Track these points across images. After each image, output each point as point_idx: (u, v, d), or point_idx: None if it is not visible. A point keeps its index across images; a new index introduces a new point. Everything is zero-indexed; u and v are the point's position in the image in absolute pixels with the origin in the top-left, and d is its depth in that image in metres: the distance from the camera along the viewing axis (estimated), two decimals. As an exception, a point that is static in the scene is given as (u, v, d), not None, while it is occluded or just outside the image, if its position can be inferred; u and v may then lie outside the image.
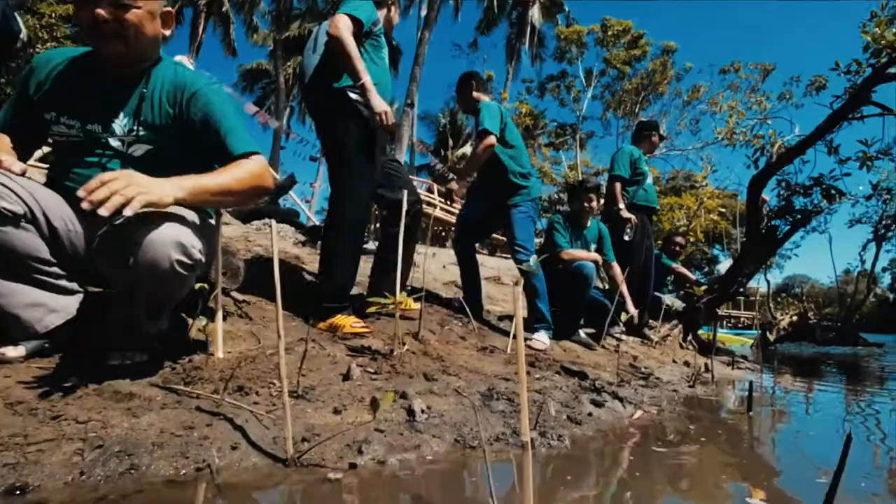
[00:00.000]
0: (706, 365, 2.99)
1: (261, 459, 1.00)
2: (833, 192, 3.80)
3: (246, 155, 1.33)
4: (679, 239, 5.27)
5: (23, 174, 1.21)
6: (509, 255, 3.37)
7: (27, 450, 0.87)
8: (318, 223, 8.16)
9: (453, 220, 11.36)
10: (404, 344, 2.00)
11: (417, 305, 2.16)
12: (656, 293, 4.37)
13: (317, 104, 2.19)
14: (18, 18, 1.48)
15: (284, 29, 16.60)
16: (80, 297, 1.34)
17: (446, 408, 1.44)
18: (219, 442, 1.01)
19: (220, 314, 1.51)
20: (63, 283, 1.29)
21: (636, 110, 17.74)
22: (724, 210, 11.19)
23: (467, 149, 22.39)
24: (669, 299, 4.51)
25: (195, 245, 1.17)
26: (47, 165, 1.42)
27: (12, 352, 1.19)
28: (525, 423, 0.66)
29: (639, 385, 2.29)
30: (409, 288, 2.62)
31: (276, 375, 1.42)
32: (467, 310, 2.87)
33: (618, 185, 3.68)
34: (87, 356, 1.24)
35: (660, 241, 5.74)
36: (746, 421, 1.82)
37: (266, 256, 3.05)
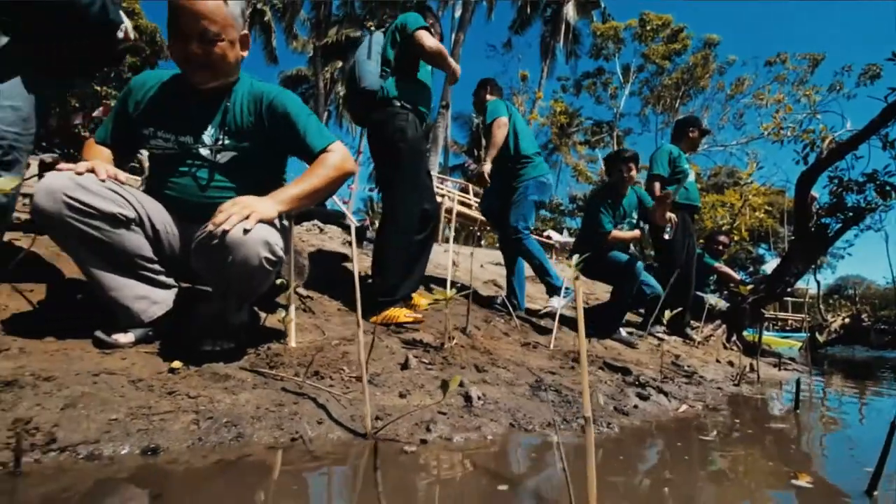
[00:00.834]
0: (751, 365, 2.96)
1: (343, 433, 1.13)
2: (888, 188, 3.65)
3: (325, 148, 1.49)
4: (722, 238, 5.16)
5: (124, 183, 1.40)
6: (547, 255, 3.52)
7: (153, 419, 1.04)
8: (357, 224, 8.41)
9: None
10: (453, 338, 2.11)
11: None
12: (699, 293, 4.32)
13: (372, 109, 2.33)
14: (120, 11, 1.63)
15: (323, 35, 17.12)
16: (175, 290, 1.53)
17: (499, 396, 1.54)
18: (306, 417, 1.16)
19: (292, 308, 1.67)
20: (162, 278, 1.47)
21: (676, 106, 17.26)
22: (770, 208, 10.75)
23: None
24: (713, 299, 4.44)
25: (278, 243, 1.33)
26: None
27: (123, 338, 1.38)
28: (587, 400, 0.75)
29: (682, 382, 2.32)
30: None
31: (345, 363, 1.57)
32: (509, 307, 2.98)
33: (657, 185, 3.67)
34: (183, 343, 1.42)
35: (702, 240, 5.62)
36: (793, 418, 1.83)
37: (318, 255, 3.24)
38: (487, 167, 3.12)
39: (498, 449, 1.17)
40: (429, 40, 2.22)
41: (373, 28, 17.91)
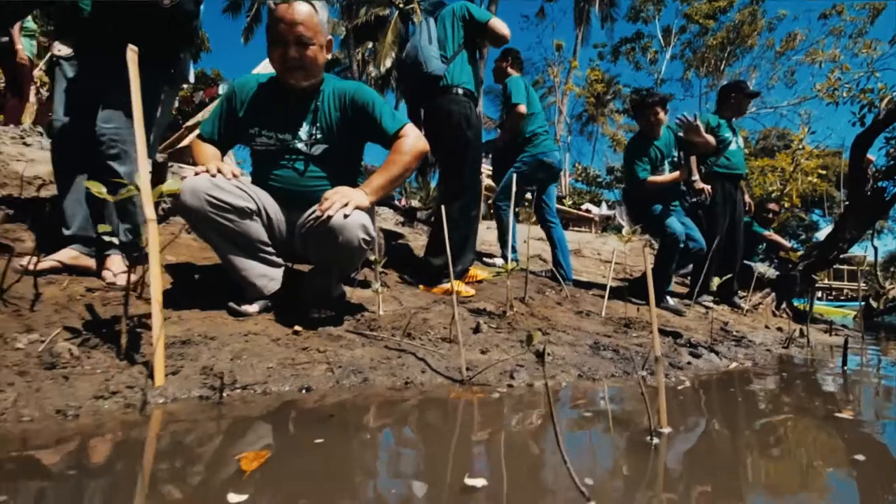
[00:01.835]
0: (801, 330, 3.03)
1: (444, 380, 1.37)
2: (952, 148, 3.54)
3: (399, 132, 1.71)
4: (772, 206, 5.10)
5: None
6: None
7: (297, 367, 1.31)
8: (400, 204, 8.67)
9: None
10: (513, 307, 2.33)
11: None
12: (747, 262, 4.33)
13: (434, 94, 2.48)
14: None
15: (355, 17, 17.24)
16: (283, 268, 1.80)
17: (564, 354, 1.75)
18: (412, 367, 1.41)
19: (377, 283, 1.93)
20: (275, 258, 1.74)
21: (721, 67, 16.42)
22: (824, 171, 10.21)
23: (534, 122, 21.98)
24: (762, 267, 4.44)
25: (371, 226, 1.57)
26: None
27: (250, 308, 1.66)
28: (656, 342, 0.95)
29: (731, 345, 2.45)
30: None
31: (428, 327, 1.82)
32: (560, 279, 3.16)
33: (693, 157, 3.68)
34: (294, 311, 1.70)
35: (752, 209, 5.54)
36: (841, 373, 1.95)
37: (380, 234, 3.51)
38: (500, 143, 3.52)
39: (571, 395, 1.39)
40: (504, 28, 2.44)
41: (401, 5, 17.93)
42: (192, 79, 1.94)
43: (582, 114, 23.62)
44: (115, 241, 1.65)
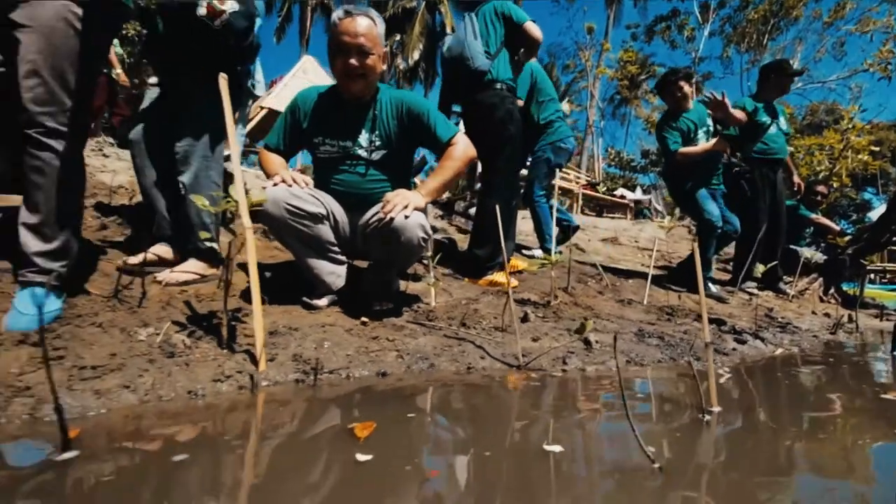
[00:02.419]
0: (850, 316, 3.00)
1: (502, 365, 1.50)
2: None
3: (451, 139, 1.84)
4: (820, 188, 4.94)
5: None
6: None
7: (371, 354, 1.47)
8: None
9: (560, 184, 11.42)
10: (557, 297, 2.43)
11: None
12: (793, 246, 4.25)
13: (478, 90, 2.56)
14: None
15: (383, 10, 17.38)
16: (346, 265, 1.97)
17: (611, 341, 1.85)
18: (471, 354, 1.54)
19: (432, 277, 2.07)
20: (340, 256, 1.91)
21: (764, 42, 15.63)
22: (877, 148, 9.65)
23: (564, 106, 21.68)
24: (808, 252, 4.34)
25: (428, 226, 1.71)
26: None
27: (320, 302, 1.83)
28: (706, 329, 1.04)
29: (777, 331, 2.48)
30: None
31: (479, 317, 1.95)
32: (599, 270, 3.23)
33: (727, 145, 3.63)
34: (357, 304, 1.86)
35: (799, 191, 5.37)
36: (891, 359, 1.96)
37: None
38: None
39: (623, 376, 1.49)
40: (538, 31, 2.50)
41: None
42: (259, 91, 2.10)
43: (614, 96, 23.04)
44: (201, 245, 1.85)
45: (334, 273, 1.86)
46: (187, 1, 1.60)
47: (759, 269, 3.02)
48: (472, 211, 4.80)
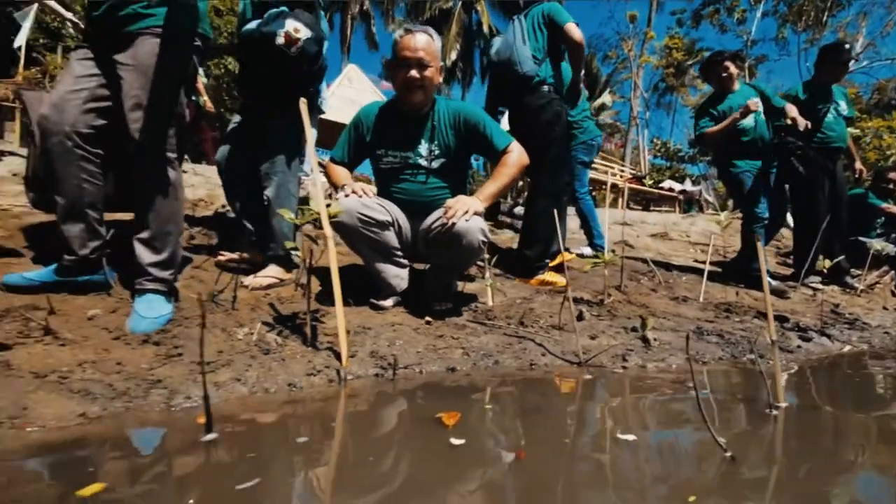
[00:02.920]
0: (928, 310, 2.83)
1: (563, 362, 1.58)
2: None
3: (506, 148, 1.95)
4: (892, 174, 4.63)
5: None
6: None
7: (439, 351, 1.58)
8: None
9: (604, 178, 11.16)
10: (610, 295, 2.46)
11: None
12: (861, 238, 4.03)
13: (526, 93, 2.63)
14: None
15: (421, 12, 17.63)
16: (408, 268, 2.09)
17: (669, 339, 1.88)
18: (532, 351, 1.63)
19: (490, 278, 2.16)
20: (403, 260, 2.03)
21: (823, 19, 14.63)
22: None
23: (606, 98, 21.20)
24: (879, 244, 4.10)
25: (487, 229, 1.80)
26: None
27: (386, 303, 1.96)
28: (771, 325, 1.08)
29: (844, 328, 2.40)
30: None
31: (535, 315, 2.02)
32: (651, 266, 3.21)
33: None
34: (419, 304, 1.97)
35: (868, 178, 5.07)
36: (975, 357, 1.87)
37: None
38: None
39: (684, 375, 1.53)
40: (578, 34, 2.50)
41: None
42: (325, 107, 2.27)
43: (658, 84, 22.24)
44: (280, 252, 2.03)
45: (399, 276, 1.99)
46: (268, 32, 1.76)
47: (824, 263, 2.90)
48: (517, 210, 4.86)
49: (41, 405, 0.98)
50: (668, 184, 15.21)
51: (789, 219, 3.95)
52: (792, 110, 3.18)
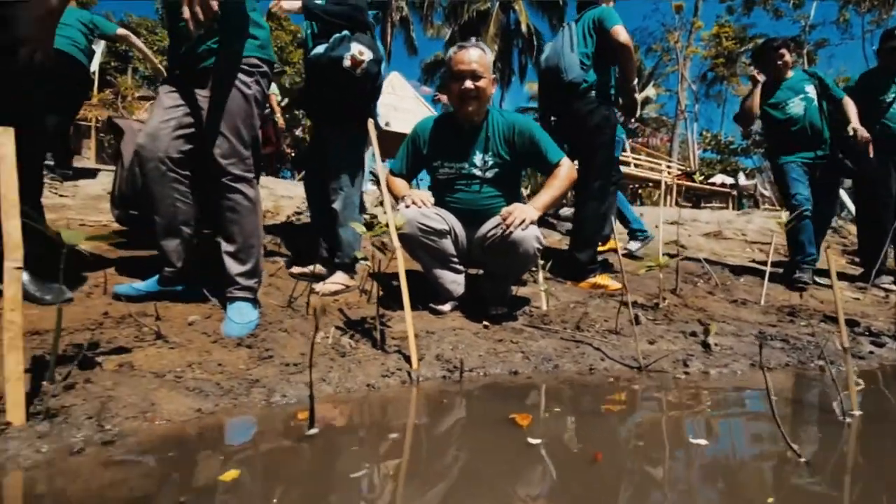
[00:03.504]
0: None
1: (622, 367, 1.61)
2: None
3: (558, 162, 2.01)
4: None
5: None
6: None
7: (500, 355, 1.65)
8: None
9: (651, 175, 10.85)
10: (665, 298, 2.45)
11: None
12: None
13: (573, 100, 2.66)
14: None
15: (460, 17, 17.77)
16: (464, 273, 2.17)
17: (730, 344, 1.86)
18: (591, 356, 1.67)
19: (541, 280, 2.21)
20: (459, 266, 2.12)
21: (891, -3, 13.57)
22: None
23: (650, 91, 20.56)
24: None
25: (542, 237, 1.86)
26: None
27: (444, 308, 2.06)
28: (843, 331, 1.08)
29: (922, 332, 2.27)
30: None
31: (590, 320, 2.05)
32: (706, 268, 3.14)
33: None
34: (475, 308, 2.05)
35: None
36: None
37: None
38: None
39: (749, 381, 1.53)
40: (624, 35, 2.50)
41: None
42: (381, 122, 2.40)
43: (706, 74, 21.33)
44: (346, 260, 2.17)
45: (455, 282, 2.08)
46: (335, 56, 1.90)
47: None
48: (562, 211, 4.85)
49: (164, 401, 1.13)
50: (719, 178, 14.57)
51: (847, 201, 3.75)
52: (854, 119, 3.05)
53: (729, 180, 14.34)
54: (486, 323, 1.93)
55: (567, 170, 2.01)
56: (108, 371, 1.21)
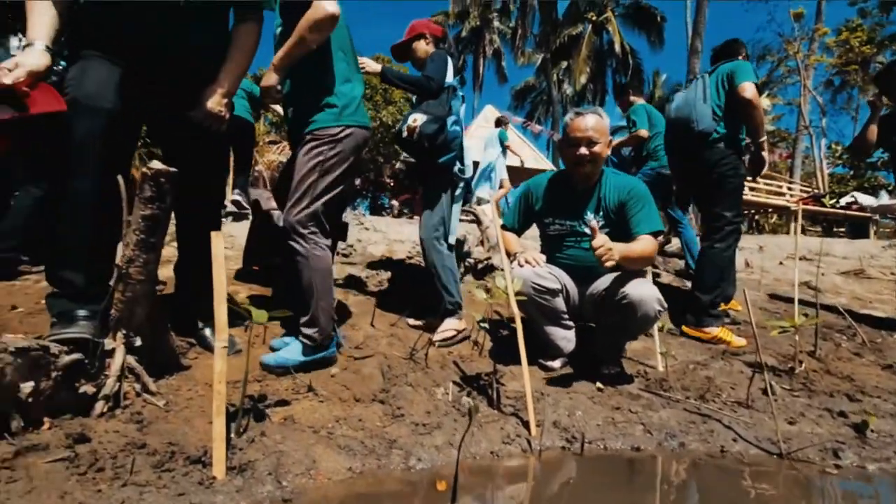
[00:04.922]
0: None
1: (758, 451, 1.50)
2: None
3: (647, 234, 1.98)
4: None
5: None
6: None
7: (619, 427, 1.62)
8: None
9: (772, 201, 9.78)
10: (801, 362, 2.22)
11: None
12: None
13: (702, 149, 2.64)
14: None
15: (552, 44, 17.85)
16: (574, 329, 2.18)
17: (888, 428, 1.65)
18: (721, 435, 1.58)
19: (657, 341, 2.14)
20: (569, 322, 2.13)
21: None
22: None
23: (765, 101, 18.69)
24: None
25: (662, 298, 1.81)
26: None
27: (554, 364, 2.07)
28: None
29: None
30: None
31: (715, 386, 1.94)
32: (850, 321, 2.78)
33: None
34: (584, 365, 2.03)
35: None
36: None
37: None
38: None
39: (917, 481, 1.34)
40: (750, 92, 2.46)
41: (593, 18, 17.74)
42: (468, 174, 2.52)
43: (832, 79, 18.97)
44: (450, 306, 2.30)
45: (566, 338, 2.09)
46: (399, 130, 2.25)
47: None
48: (668, 247, 4.60)
49: (322, 458, 1.30)
50: (855, 200, 12.68)
51: None
52: None
53: (866, 199, 12.42)
54: (599, 385, 1.91)
55: (651, 245, 1.96)
56: (275, 424, 1.41)
